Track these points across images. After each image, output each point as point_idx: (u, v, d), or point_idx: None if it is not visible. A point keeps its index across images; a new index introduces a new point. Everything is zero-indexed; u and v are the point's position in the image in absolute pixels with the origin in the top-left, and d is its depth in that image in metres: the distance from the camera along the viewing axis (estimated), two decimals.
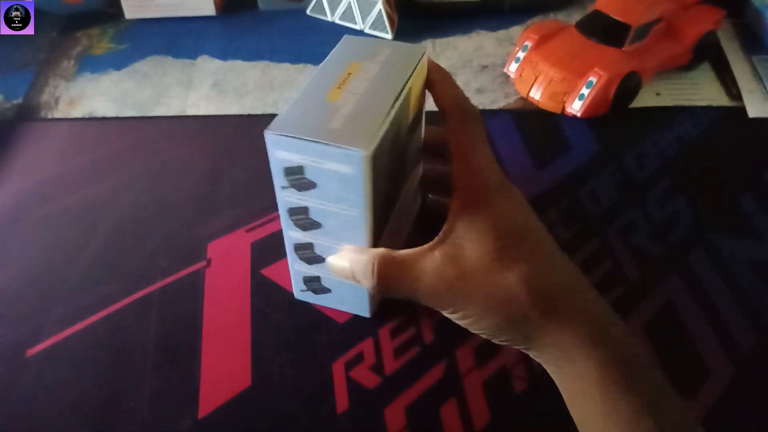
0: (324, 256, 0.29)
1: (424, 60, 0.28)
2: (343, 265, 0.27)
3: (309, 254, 0.29)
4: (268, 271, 0.34)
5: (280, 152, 0.25)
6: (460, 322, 0.26)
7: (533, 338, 0.25)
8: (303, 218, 0.27)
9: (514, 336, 0.25)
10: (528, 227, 0.26)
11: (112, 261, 0.35)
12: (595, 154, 0.41)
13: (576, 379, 0.24)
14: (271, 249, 0.35)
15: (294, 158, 0.25)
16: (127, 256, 0.35)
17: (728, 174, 0.39)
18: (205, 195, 0.39)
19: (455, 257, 0.25)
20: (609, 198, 0.38)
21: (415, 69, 0.27)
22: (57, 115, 0.45)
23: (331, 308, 0.32)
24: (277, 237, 0.36)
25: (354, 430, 0.28)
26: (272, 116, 0.25)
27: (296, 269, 0.30)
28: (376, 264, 0.26)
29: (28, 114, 0.46)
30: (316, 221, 0.27)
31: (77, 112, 0.46)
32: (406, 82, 0.26)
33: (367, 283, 0.26)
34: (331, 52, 0.28)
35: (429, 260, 0.25)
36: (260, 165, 0.38)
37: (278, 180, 0.26)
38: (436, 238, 0.26)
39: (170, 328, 0.32)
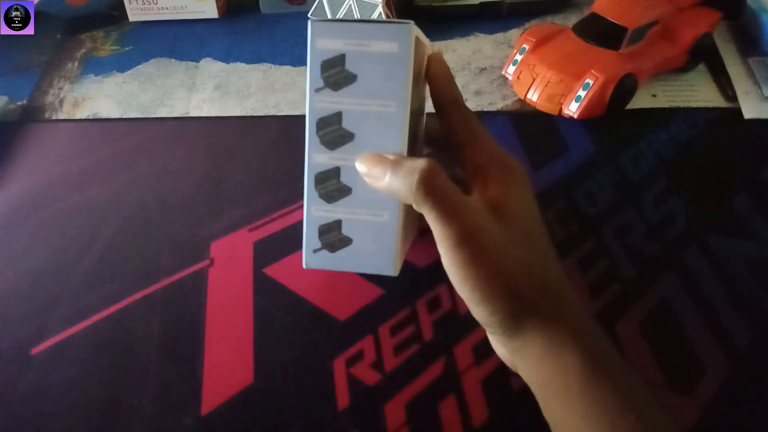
0: (350, 186, 0.26)
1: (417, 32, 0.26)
2: (383, 166, 0.25)
3: (333, 185, 0.26)
4: (271, 270, 0.35)
5: (323, 40, 0.24)
6: (454, 276, 0.25)
7: (521, 326, 0.24)
8: (334, 129, 0.25)
9: (503, 320, 0.24)
10: (533, 211, 0.27)
11: (115, 260, 0.36)
12: (591, 155, 0.41)
13: (558, 374, 0.24)
14: (273, 248, 0.36)
15: (337, 46, 0.24)
16: (130, 255, 0.36)
17: (724, 175, 0.39)
18: (208, 195, 0.39)
19: (481, 217, 0.25)
20: (605, 198, 0.38)
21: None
22: (61, 116, 0.46)
23: (335, 304, 0.32)
24: (280, 236, 0.36)
25: (354, 427, 0.28)
26: (274, 118, 0.25)
27: (312, 216, 0.27)
28: (424, 167, 0.24)
29: (32, 115, 0.46)
30: (348, 131, 0.25)
31: (81, 114, 0.46)
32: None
33: (406, 183, 0.24)
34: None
35: (472, 201, 0.25)
36: (263, 165, 0.38)
37: (313, 80, 0.25)
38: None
39: (173, 326, 0.32)
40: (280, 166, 0.40)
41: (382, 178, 0.25)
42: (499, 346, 0.27)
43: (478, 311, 0.25)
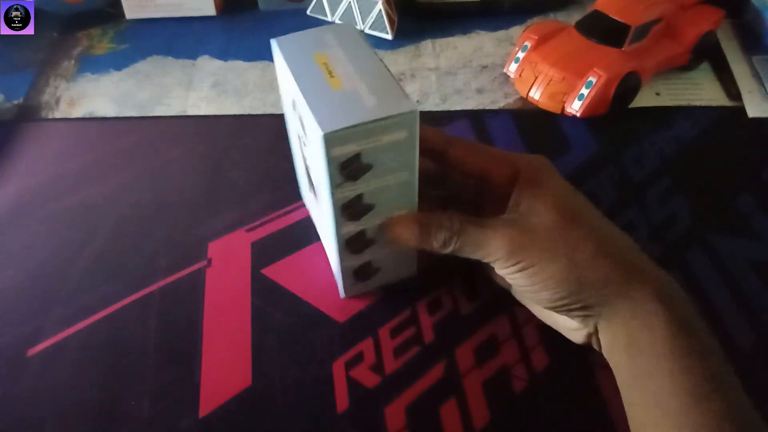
0: (375, 238, 0.29)
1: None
2: (411, 230, 0.28)
3: (360, 241, 0.29)
4: (269, 271, 0.34)
5: (338, 148, 0.24)
6: (523, 282, 0.27)
7: (602, 299, 0.25)
8: (357, 207, 0.27)
9: (582, 291, 0.26)
10: (581, 201, 0.28)
11: (112, 261, 0.35)
12: (594, 154, 0.41)
13: (645, 332, 0.24)
14: (271, 249, 0.35)
15: (351, 149, 0.25)
16: (127, 255, 0.35)
17: (727, 174, 0.39)
18: (206, 195, 0.39)
19: (524, 222, 0.27)
20: (608, 197, 0.38)
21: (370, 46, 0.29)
22: (58, 115, 0.46)
23: (334, 305, 0.32)
24: (278, 237, 0.36)
25: (354, 430, 0.28)
26: (272, 116, 0.25)
27: (346, 266, 0.30)
28: (446, 218, 0.28)
29: (28, 114, 0.46)
30: (369, 204, 0.27)
31: (78, 112, 0.46)
32: (376, 55, 0.28)
33: (439, 239, 0.28)
34: (281, 56, 0.28)
35: (498, 220, 0.27)
36: (261, 164, 0.38)
37: (333, 180, 0.26)
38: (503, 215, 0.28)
39: (171, 327, 0.32)
40: (278, 165, 0.40)
41: (413, 242, 0.28)
42: (576, 329, 0.28)
43: (552, 297, 0.26)
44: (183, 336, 0.31)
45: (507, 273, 0.27)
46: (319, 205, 0.30)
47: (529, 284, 0.27)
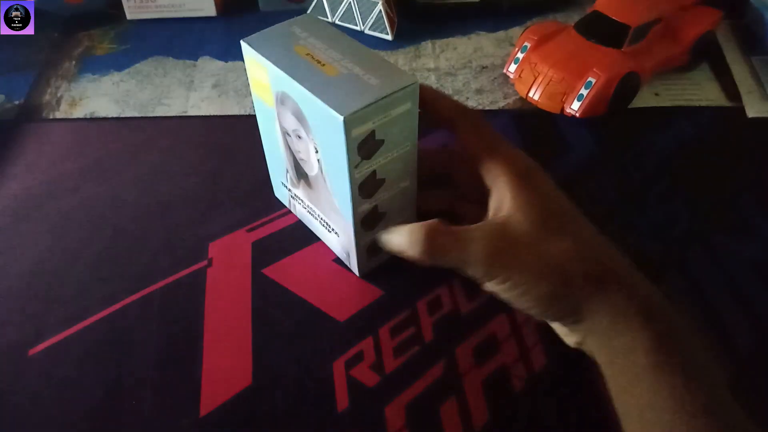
0: (384, 211, 0.30)
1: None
2: (398, 239, 0.29)
3: (374, 217, 0.30)
4: (269, 271, 0.34)
5: (356, 129, 0.25)
6: (507, 294, 0.26)
7: (584, 309, 0.25)
8: (371, 183, 0.28)
9: (565, 306, 0.25)
10: (566, 206, 0.28)
11: (113, 261, 0.35)
12: (593, 155, 0.41)
13: (627, 352, 0.24)
14: (272, 249, 0.35)
15: (367, 127, 0.26)
16: (128, 255, 0.36)
17: (727, 174, 0.39)
18: (207, 195, 0.39)
19: (505, 229, 0.26)
20: (608, 198, 0.38)
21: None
22: (59, 115, 0.46)
23: (335, 305, 0.32)
24: (278, 237, 0.36)
25: (354, 429, 0.28)
26: None
27: (362, 244, 0.31)
28: (423, 232, 0.27)
29: (29, 114, 0.46)
30: (380, 179, 0.29)
31: (79, 113, 0.46)
32: (352, 39, 0.29)
33: (416, 250, 0.27)
34: (257, 55, 0.29)
35: (478, 231, 0.26)
36: (261, 165, 0.38)
37: (351, 159, 0.26)
38: (484, 218, 0.27)
39: (171, 327, 0.32)
40: None
41: (402, 251, 0.28)
42: (567, 335, 0.28)
43: (536, 311, 0.26)
44: (183, 336, 0.32)
45: (488, 286, 0.27)
46: (322, 192, 0.31)
47: (507, 297, 0.26)
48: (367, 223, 0.30)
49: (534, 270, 0.25)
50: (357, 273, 0.33)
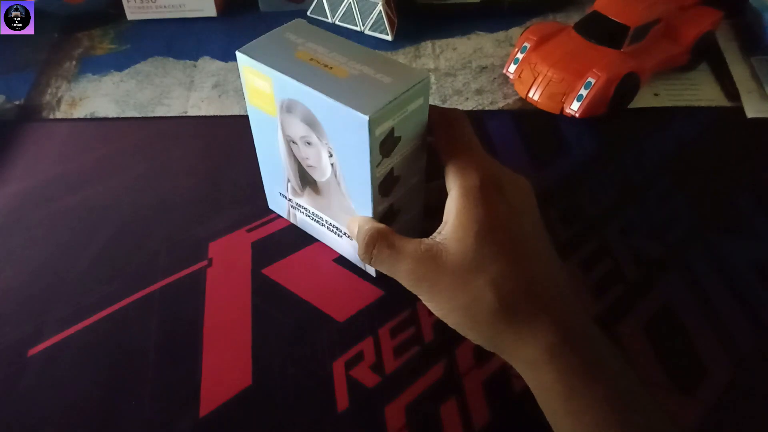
0: (400, 208, 0.31)
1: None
2: (352, 230, 0.30)
3: (390, 215, 0.31)
4: (269, 271, 0.34)
5: (379, 128, 0.26)
6: (435, 313, 0.27)
7: (498, 344, 0.25)
8: (389, 181, 0.29)
9: (481, 339, 0.26)
10: (516, 224, 0.26)
11: (113, 261, 0.35)
12: (593, 155, 0.41)
13: (540, 391, 0.24)
14: (272, 249, 0.35)
15: (388, 125, 0.26)
16: (128, 255, 0.35)
17: (727, 174, 0.39)
18: (207, 195, 0.39)
19: (436, 254, 0.26)
20: (608, 198, 0.38)
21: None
22: (59, 115, 0.46)
23: (334, 305, 0.32)
24: (278, 237, 0.36)
25: (354, 429, 0.28)
26: None
27: None
28: (368, 235, 0.28)
29: (29, 114, 0.46)
30: (397, 176, 0.29)
31: (79, 113, 0.46)
32: (349, 41, 0.29)
33: (358, 251, 0.29)
34: (257, 64, 0.28)
35: (413, 249, 0.26)
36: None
37: (374, 159, 0.27)
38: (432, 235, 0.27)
39: (171, 327, 0.32)
40: None
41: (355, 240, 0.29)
42: None
43: (470, 339, 0.26)
44: (183, 336, 0.32)
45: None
46: (333, 197, 0.31)
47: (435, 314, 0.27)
48: (384, 222, 0.30)
49: (448, 304, 0.26)
50: (373, 274, 0.33)
